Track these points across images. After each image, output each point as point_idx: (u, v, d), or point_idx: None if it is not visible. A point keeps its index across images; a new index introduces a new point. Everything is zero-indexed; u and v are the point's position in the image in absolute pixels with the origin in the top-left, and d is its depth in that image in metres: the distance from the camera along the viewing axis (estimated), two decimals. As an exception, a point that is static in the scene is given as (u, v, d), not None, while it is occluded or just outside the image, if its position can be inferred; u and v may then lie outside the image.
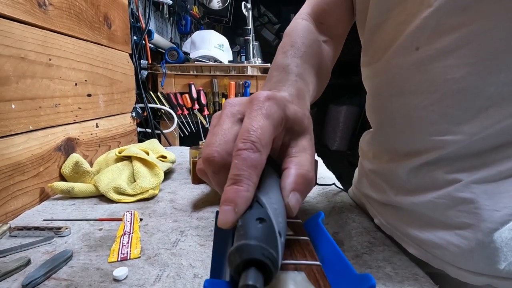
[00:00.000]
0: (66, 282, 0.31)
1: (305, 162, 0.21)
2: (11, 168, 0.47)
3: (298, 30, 0.41)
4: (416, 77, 0.32)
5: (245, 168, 0.18)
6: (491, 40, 0.27)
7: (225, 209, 0.17)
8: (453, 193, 0.31)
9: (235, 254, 0.13)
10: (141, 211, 0.49)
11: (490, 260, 0.30)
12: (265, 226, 0.15)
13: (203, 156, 0.20)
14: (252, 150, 0.19)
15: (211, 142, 0.20)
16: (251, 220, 0.16)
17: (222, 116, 0.22)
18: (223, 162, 0.20)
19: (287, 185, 0.20)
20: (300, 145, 0.23)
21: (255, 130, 0.20)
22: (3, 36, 0.46)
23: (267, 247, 0.13)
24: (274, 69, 0.35)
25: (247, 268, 0.12)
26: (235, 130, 0.21)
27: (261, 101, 0.22)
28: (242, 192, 0.17)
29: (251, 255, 0.12)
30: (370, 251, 0.36)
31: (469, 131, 0.30)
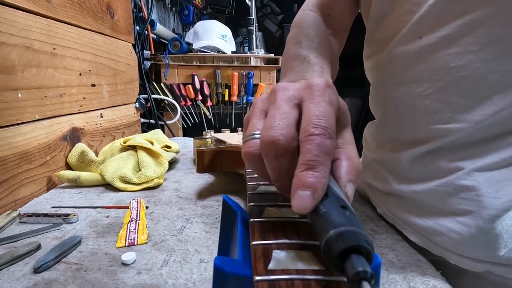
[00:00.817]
0: (76, 266, 0.32)
1: (354, 154, 0.21)
2: (19, 157, 0.48)
3: (309, 21, 0.41)
4: (419, 66, 0.32)
5: (320, 154, 0.18)
6: (495, 27, 0.27)
7: (303, 194, 0.16)
8: (455, 181, 0.32)
9: (338, 240, 0.13)
10: (147, 200, 0.50)
11: (490, 247, 0.30)
12: (351, 214, 0.15)
13: (264, 138, 0.19)
14: (325, 136, 0.18)
15: (273, 125, 0.19)
16: (335, 207, 0.15)
17: (278, 99, 0.21)
18: (288, 146, 0.19)
19: (343, 176, 0.19)
20: (346, 137, 0.22)
21: (325, 116, 0.19)
22: (8, 25, 0.46)
23: (364, 233, 0.13)
24: (292, 59, 0.35)
25: (348, 255, 0.12)
26: (295, 115, 0.20)
27: (322, 87, 0.21)
28: (320, 178, 0.17)
29: (356, 242, 0.12)
30: (373, 239, 0.37)
31: (473, 119, 0.30)
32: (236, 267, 0.13)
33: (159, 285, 0.29)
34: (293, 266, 0.13)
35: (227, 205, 0.21)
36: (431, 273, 0.31)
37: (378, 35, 0.39)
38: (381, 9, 0.37)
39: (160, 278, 0.30)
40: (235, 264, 0.14)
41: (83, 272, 0.31)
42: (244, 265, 0.14)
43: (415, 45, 0.32)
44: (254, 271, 0.12)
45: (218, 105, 1.26)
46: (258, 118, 0.22)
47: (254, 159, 0.20)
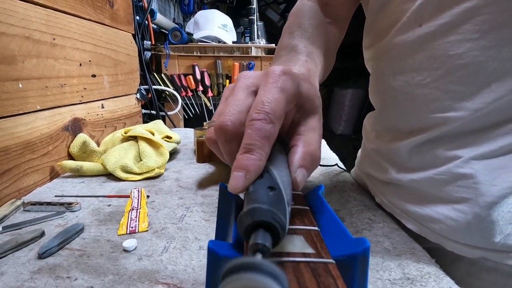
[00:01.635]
0: (79, 252, 0.33)
1: (313, 141, 0.22)
2: (21, 147, 0.49)
3: (304, 11, 0.41)
4: (419, 54, 0.32)
5: (258, 138, 0.18)
6: (493, 14, 0.27)
7: (237, 175, 0.17)
8: (453, 169, 0.32)
9: (247, 216, 0.13)
10: (148, 189, 0.50)
11: (486, 233, 0.30)
12: (275, 194, 0.15)
13: (215, 124, 0.20)
14: (265, 121, 0.19)
15: (225, 111, 0.20)
16: (262, 187, 0.16)
17: (236, 88, 0.22)
18: (235, 131, 0.20)
19: (295, 161, 0.20)
20: (309, 124, 0.23)
21: (270, 102, 0.19)
22: (7, 15, 0.46)
23: (278, 212, 0.13)
24: (281, 48, 0.35)
25: (256, 229, 0.13)
26: (249, 102, 0.21)
27: (276, 74, 0.21)
28: (255, 160, 0.18)
29: (262, 218, 0.13)
30: (370, 227, 0.38)
31: (472, 107, 0.30)
32: (229, 250, 0.14)
33: (159, 271, 0.30)
34: (283, 249, 0.13)
35: (224, 192, 0.21)
36: (426, 260, 0.31)
37: (378, 25, 0.39)
38: (379, 0, 0.37)
39: (160, 264, 0.31)
40: (227, 247, 0.14)
41: (86, 258, 0.32)
42: (236, 248, 0.14)
43: (414, 34, 0.32)
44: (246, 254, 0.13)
45: (219, 96, 1.26)
46: (222, 105, 0.23)
47: (212, 145, 0.22)
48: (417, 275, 0.29)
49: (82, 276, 0.29)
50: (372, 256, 0.32)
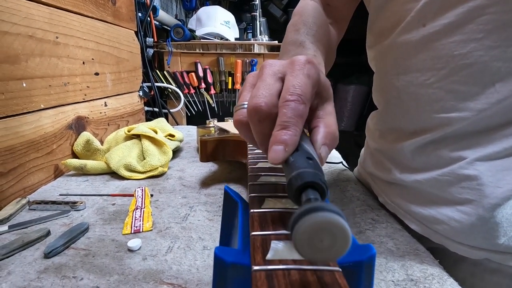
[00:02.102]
0: (84, 252, 0.33)
1: (332, 122, 0.24)
2: (26, 146, 0.49)
3: (309, 10, 0.42)
4: (423, 54, 0.32)
5: (293, 117, 0.20)
6: (497, 14, 0.27)
7: (276, 148, 0.19)
8: (457, 170, 0.32)
9: (297, 179, 0.15)
10: (151, 188, 0.51)
11: (490, 235, 0.30)
12: (314, 162, 0.18)
13: (249, 105, 0.22)
14: (298, 102, 0.21)
15: (257, 94, 0.22)
16: (302, 157, 0.18)
17: (264, 74, 0.24)
18: (269, 111, 0.21)
19: (319, 139, 0.22)
20: (327, 109, 0.25)
21: (300, 86, 0.22)
22: (10, 14, 0.46)
23: (321, 174, 0.16)
24: (289, 44, 0.36)
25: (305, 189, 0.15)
26: (278, 86, 0.23)
27: (302, 62, 0.23)
28: (291, 135, 0.20)
29: (311, 179, 0.15)
30: (373, 228, 0.38)
31: (476, 107, 0.30)
32: (236, 256, 0.14)
33: (164, 271, 0.30)
34: (290, 256, 0.13)
35: (228, 195, 0.21)
36: (429, 261, 0.31)
37: (380, 23, 0.39)
38: None
39: (165, 264, 0.31)
40: (234, 254, 0.14)
41: (91, 258, 0.32)
42: (243, 254, 0.15)
43: (418, 33, 0.32)
44: (253, 261, 0.13)
45: (221, 93, 1.25)
46: (247, 91, 0.25)
47: (243, 126, 0.23)
48: (421, 277, 0.29)
49: (88, 276, 0.29)
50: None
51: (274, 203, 0.19)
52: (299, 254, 0.11)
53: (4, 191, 0.45)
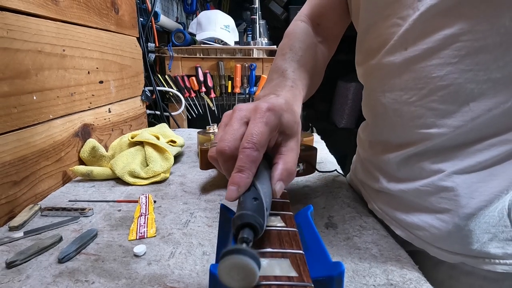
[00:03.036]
0: (94, 257, 0.36)
1: (290, 159, 0.28)
2: (37, 155, 0.52)
3: (297, 33, 0.45)
4: (405, 75, 0.35)
5: (247, 162, 0.25)
6: (469, 41, 0.30)
7: (231, 188, 0.24)
8: (437, 182, 0.35)
9: (237, 219, 0.19)
10: (154, 194, 0.54)
11: (465, 241, 0.33)
12: (258, 203, 0.21)
13: (217, 148, 0.27)
14: (253, 149, 0.25)
15: (224, 139, 0.27)
16: (248, 198, 0.22)
17: (232, 119, 0.29)
18: (231, 154, 0.26)
19: (275, 176, 0.26)
20: (289, 146, 0.29)
21: (257, 134, 0.26)
22: (21, 32, 0.48)
23: (258, 216, 0.19)
24: (274, 71, 0.40)
25: (243, 228, 0.19)
26: (242, 131, 0.27)
27: (263, 111, 0.28)
28: (244, 178, 0.24)
29: (247, 220, 0.19)
30: (361, 234, 0.41)
31: (453, 124, 0.33)
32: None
33: (167, 275, 0.33)
34: (272, 272, 0.16)
35: (223, 212, 0.24)
36: (409, 267, 0.34)
37: (367, 44, 0.42)
38: (367, 20, 0.40)
39: (168, 268, 0.34)
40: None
41: (101, 263, 0.35)
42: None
43: (401, 56, 0.35)
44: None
45: (221, 97, 1.28)
46: (221, 130, 0.30)
47: (214, 161, 0.29)
48: (400, 281, 0.32)
49: (98, 280, 0.32)
50: (360, 262, 0.35)
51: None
52: (222, 281, 0.15)
53: (18, 198, 0.48)
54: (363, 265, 0.34)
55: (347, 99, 3.05)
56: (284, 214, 0.24)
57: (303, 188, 0.56)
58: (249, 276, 0.15)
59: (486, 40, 0.29)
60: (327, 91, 3.11)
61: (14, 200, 0.48)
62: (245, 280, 0.15)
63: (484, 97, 0.30)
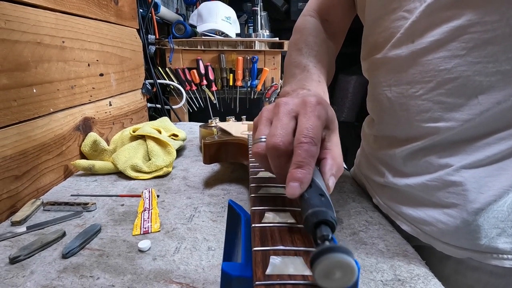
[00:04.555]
0: (98, 252, 0.36)
1: (338, 154, 0.27)
2: (38, 149, 0.52)
3: (309, 28, 0.45)
4: (412, 68, 0.35)
5: (307, 157, 0.23)
6: (478, 33, 0.29)
7: (293, 185, 0.22)
8: (444, 177, 0.34)
9: (312, 216, 0.18)
10: (157, 188, 0.53)
11: (473, 237, 0.33)
12: (326, 199, 0.21)
13: (268, 143, 0.25)
14: (311, 143, 0.24)
15: (275, 134, 0.25)
16: (315, 194, 0.21)
17: (280, 112, 0.27)
18: (285, 149, 0.25)
19: (327, 171, 0.25)
20: (333, 140, 0.28)
21: (312, 128, 0.25)
22: (19, 23, 0.47)
23: (332, 212, 0.19)
24: (293, 66, 0.40)
25: (319, 225, 0.18)
26: (292, 125, 0.26)
27: (313, 104, 0.27)
28: (305, 174, 0.23)
29: (324, 217, 0.18)
30: (366, 229, 0.40)
31: (461, 117, 0.32)
32: (239, 270, 0.17)
33: (173, 270, 0.33)
34: (286, 271, 0.16)
35: (232, 209, 0.24)
36: (416, 262, 0.34)
37: (373, 38, 0.41)
38: (373, 14, 0.39)
39: (173, 264, 0.34)
40: (238, 268, 0.17)
41: (106, 258, 0.35)
42: (246, 267, 0.17)
43: (408, 49, 0.34)
44: (254, 276, 0.15)
45: (222, 90, 1.27)
46: (264, 125, 0.28)
47: (261, 158, 0.27)
48: (407, 277, 0.32)
49: (103, 275, 0.32)
50: (366, 257, 0.35)
51: (273, 217, 0.22)
52: (317, 283, 0.14)
53: (20, 193, 0.48)
54: (370, 261, 0.34)
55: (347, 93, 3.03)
56: (294, 210, 0.23)
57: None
58: (349, 273, 0.14)
59: (495, 32, 0.28)
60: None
61: (16, 195, 0.47)
62: (345, 277, 0.14)
63: (493, 89, 0.30)
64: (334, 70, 0.49)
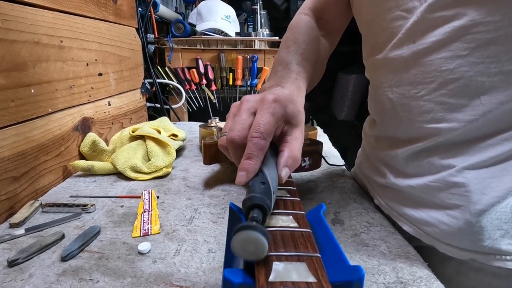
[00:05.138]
0: (98, 255, 0.35)
1: (295, 147, 0.29)
2: (36, 150, 0.51)
3: (301, 26, 0.46)
4: (413, 69, 0.34)
5: (255, 150, 0.26)
6: (480, 33, 0.29)
7: (241, 174, 0.26)
8: (447, 178, 0.34)
9: (247, 201, 0.21)
10: (157, 189, 0.53)
11: (476, 238, 0.33)
12: (265, 187, 0.23)
13: (227, 137, 0.29)
14: (260, 138, 0.27)
15: (234, 128, 0.29)
16: (257, 182, 0.24)
17: (241, 109, 0.30)
18: (241, 143, 0.28)
19: (281, 162, 0.28)
20: (293, 135, 0.30)
21: (264, 124, 0.28)
22: (17, 22, 0.47)
23: (266, 198, 0.21)
24: (278, 63, 0.41)
25: (252, 209, 0.21)
26: (250, 121, 0.29)
27: (269, 102, 0.30)
28: (252, 165, 0.26)
29: (256, 201, 0.21)
30: (368, 231, 0.40)
31: (463, 118, 0.32)
32: (241, 277, 0.16)
33: (173, 273, 0.32)
34: (289, 278, 0.16)
35: (233, 211, 0.24)
36: (419, 264, 0.34)
37: (372, 38, 0.41)
38: (370, 13, 0.39)
39: (173, 266, 0.33)
40: (240, 275, 0.16)
41: (105, 261, 0.34)
42: (248, 274, 0.17)
43: (409, 50, 0.34)
44: (257, 283, 0.15)
45: (222, 89, 1.26)
46: (229, 120, 0.31)
47: (224, 149, 0.31)
48: (410, 279, 0.31)
49: (103, 279, 0.31)
50: (368, 259, 0.34)
51: (275, 221, 0.22)
52: (236, 253, 0.17)
53: (18, 194, 0.47)
54: (371, 263, 0.34)
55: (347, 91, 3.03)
56: (296, 213, 0.23)
57: (308, 183, 0.55)
58: (259, 249, 0.16)
59: (497, 32, 0.28)
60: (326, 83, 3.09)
61: (14, 196, 0.47)
62: (256, 252, 0.17)
63: (496, 90, 0.30)
64: (325, 67, 0.50)
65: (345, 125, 3.03)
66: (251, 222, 0.18)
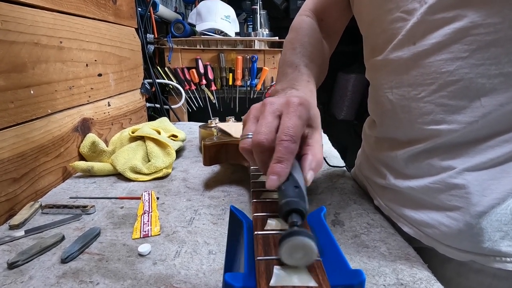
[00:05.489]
0: (98, 256, 0.35)
1: (318, 151, 0.29)
2: (36, 151, 0.51)
3: (304, 28, 0.46)
4: (414, 71, 0.34)
5: (286, 153, 0.26)
6: (481, 36, 0.29)
7: (272, 178, 0.25)
8: (447, 179, 0.34)
9: (285, 205, 0.21)
10: (157, 190, 0.53)
11: (476, 240, 0.33)
12: (299, 191, 0.23)
13: (254, 140, 0.28)
14: (290, 141, 0.26)
15: (260, 131, 0.28)
16: (290, 187, 0.24)
17: (265, 111, 0.30)
18: (268, 146, 0.27)
19: (306, 166, 0.27)
20: (315, 138, 0.30)
21: (293, 127, 0.27)
22: (16, 23, 0.47)
23: (302, 202, 0.21)
24: (287, 65, 0.41)
25: (291, 213, 0.21)
26: (276, 123, 0.29)
27: (296, 105, 0.29)
28: (284, 168, 0.25)
29: (295, 206, 0.21)
30: (368, 232, 0.40)
31: (463, 120, 0.32)
32: (243, 281, 0.16)
33: (173, 275, 0.32)
34: (290, 282, 0.16)
35: (233, 214, 0.23)
36: (419, 266, 0.34)
37: (372, 39, 0.41)
38: (370, 14, 0.39)
39: (173, 268, 0.33)
40: (241, 279, 0.16)
41: (105, 263, 0.34)
42: (249, 277, 0.17)
43: (409, 51, 0.34)
44: (258, 287, 0.15)
45: (222, 89, 1.26)
46: (251, 123, 0.30)
47: (247, 152, 0.29)
48: (410, 281, 0.31)
49: (103, 281, 0.31)
50: (368, 261, 0.34)
51: (276, 224, 0.22)
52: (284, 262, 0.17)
53: (18, 196, 0.47)
54: (372, 264, 0.34)
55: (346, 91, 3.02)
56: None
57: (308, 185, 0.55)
58: (308, 254, 0.16)
59: (498, 34, 0.28)
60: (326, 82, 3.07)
61: (14, 198, 0.47)
62: (306, 257, 0.17)
63: (496, 92, 0.30)
64: (327, 69, 0.50)
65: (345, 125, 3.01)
66: (291, 227, 0.18)
